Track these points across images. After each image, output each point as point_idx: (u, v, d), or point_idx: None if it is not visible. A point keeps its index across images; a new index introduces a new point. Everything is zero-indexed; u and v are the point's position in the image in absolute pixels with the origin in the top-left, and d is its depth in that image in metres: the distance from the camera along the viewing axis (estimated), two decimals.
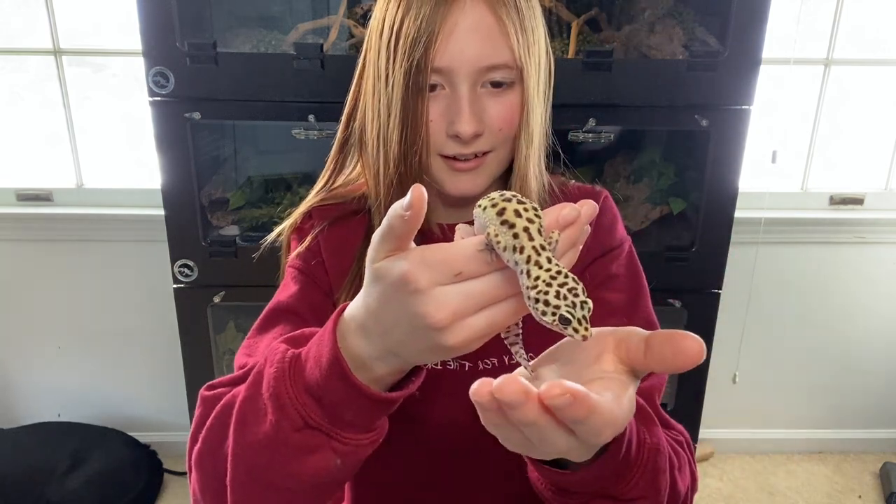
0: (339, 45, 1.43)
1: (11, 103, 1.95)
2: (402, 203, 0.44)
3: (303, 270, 0.78)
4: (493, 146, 0.73)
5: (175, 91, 1.33)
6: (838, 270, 2.03)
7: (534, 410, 0.39)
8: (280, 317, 0.74)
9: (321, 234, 0.79)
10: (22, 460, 1.82)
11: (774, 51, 1.75)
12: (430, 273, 0.44)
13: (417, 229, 0.45)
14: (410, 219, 0.44)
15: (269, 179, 1.63)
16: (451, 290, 0.44)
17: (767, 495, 2.03)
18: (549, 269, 0.42)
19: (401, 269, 0.44)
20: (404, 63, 0.68)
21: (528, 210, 0.44)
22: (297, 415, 0.52)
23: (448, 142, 0.71)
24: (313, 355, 0.53)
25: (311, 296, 0.76)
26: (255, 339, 0.73)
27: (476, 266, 0.44)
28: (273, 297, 0.77)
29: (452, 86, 0.70)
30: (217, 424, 0.58)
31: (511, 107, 0.72)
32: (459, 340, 0.45)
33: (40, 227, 1.93)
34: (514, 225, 0.43)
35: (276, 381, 0.53)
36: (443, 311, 0.44)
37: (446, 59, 0.68)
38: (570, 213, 0.45)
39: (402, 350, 0.49)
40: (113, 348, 2.05)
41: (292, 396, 0.52)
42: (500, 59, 0.69)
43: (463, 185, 0.74)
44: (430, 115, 0.71)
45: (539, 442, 0.42)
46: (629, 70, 1.34)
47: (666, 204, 1.56)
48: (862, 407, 2.19)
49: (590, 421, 0.39)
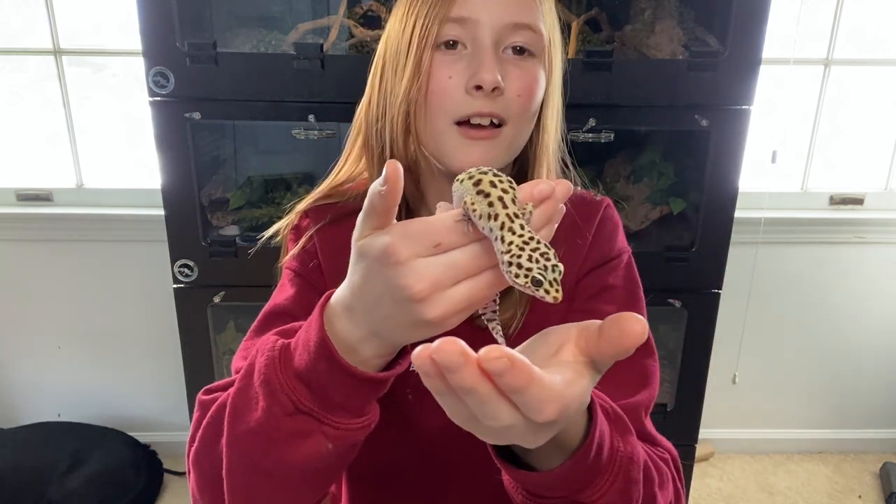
0: (339, 45, 1.43)
1: (11, 103, 1.95)
2: (378, 180, 0.45)
3: (299, 273, 0.77)
4: (507, 116, 0.69)
5: (175, 91, 1.33)
6: (838, 270, 2.03)
7: (472, 374, 0.38)
8: (276, 320, 0.73)
9: (318, 235, 0.78)
10: (22, 460, 1.82)
11: (774, 51, 1.75)
12: (411, 245, 0.45)
13: (397, 204, 0.46)
14: (387, 194, 0.45)
15: (269, 179, 1.63)
16: (430, 262, 0.45)
17: (767, 495, 2.03)
18: (522, 234, 0.43)
19: (383, 243, 0.46)
20: (420, 15, 0.67)
21: (502, 181, 0.45)
22: (288, 400, 0.53)
23: (466, 99, 0.68)
24: (302, 341, 0.54)
25: (308, 298, 0.75)
26: (251, 341, 0.73)
27: (455, 237, 0.45)
28: (269, 300, 0.77)
29: (474, 41, 0.67)
30: (212, 422, 0.58)
31: (532, 76, 0.69)
32: (439, 313, 0.45)
33: (40, 227, 1.93)
34: (488, 194, 0.44)
35: (266, 368, 0.54)
36: (422, 282, 0.45)
37: (470, 9, 0.66)
38: (545, 189, 0.46)
39: (385, 328, 0.49)
40: (113, 348, 2.05)
41: (282, 382, 0.53)
42: (527, 18, 0.67)
43: (475, 155, 0.69)
44: (450, 73, 0.68)
45: (482, 415, 0.41)
46: (629, 70, 1.34)
47: (666, 204, 1.56)
48: (862, 407, 2.19)
49: (529, 392, 0.39)
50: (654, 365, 0.76)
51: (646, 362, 0.76)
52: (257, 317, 0.75)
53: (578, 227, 0.79)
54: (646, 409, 0.71)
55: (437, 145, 0.71)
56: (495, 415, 0.40)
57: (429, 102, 0.69)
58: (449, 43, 0.68)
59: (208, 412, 0.59)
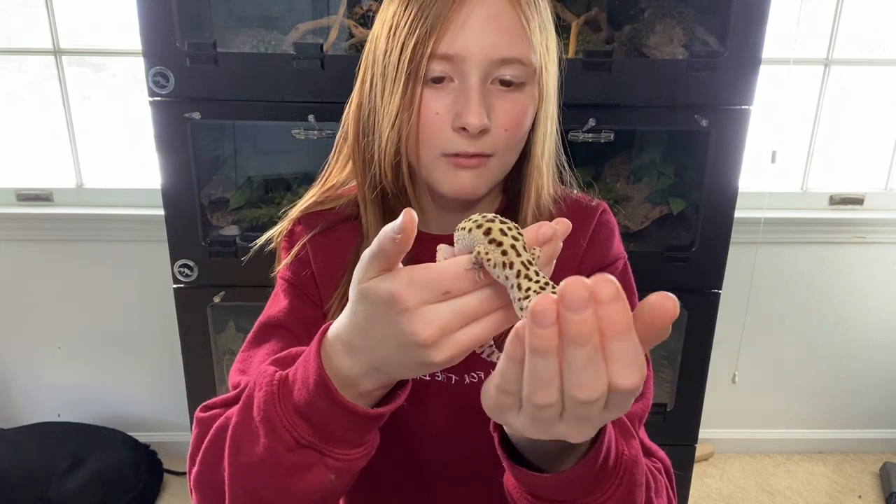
0: (339, 45, 1.43)
1: (11, 103, 1.95)
2: (393, 226, 0.45)
3: (293, 283, 0.77)
4: (495, 149, 0.69)
5: (175, 91, 1.33)
6: (838, 270, 2.03)
7: (593, 317, 0.37)
8: (271, 332, 0.74)
9: (310, 244, 0.78)
10: (22, 460, 1.82)
11: (774, 51, 1.75)
12: (418, 292, 0.45)
13: (407, 251, 0.46)
14: (401, 242, 0.45)
15: (269, 179, 1.63)
16: (439, 308, 0.46)
17: (767, 495, 2.03)
18: (538, 280, 0.43)
19: (389, 289, 0.46)
20: (401, 45, 0.66)
21: (511, 229, 0.46)
22: (290, 436, 0.54)
23: (453, 136, 0.68)
24: (300, 376, 0.54)
25: (302, 309, 0.75)
26: (247, 353, 0.73)
27: (465, 284, 0.46)
28: (264, 310, 0.77)
29: (461, 76, 0.66)
30: (212, 447, 0.59)
31: (521, 107, 0.69)
32: (446, 356, 0.46)
33: (40, 227, 1.93)
34: (500, 243, 0.45)
35: (266, 404, 0.54)
36: (430, 328, 0.45)
37: (457, 46, 0.65)
38: (548, 231, 0.47)
39: (387, 366, 0.50)
40: (113, 348, 2.05)
41: (283, 419, 0.54)
42: (515, 53, 0.66)
43: (463, 182, 0.70)
44: (436, 108, 0.67)
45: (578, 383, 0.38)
46: (629, 70, 1.34)
47: (666, 204, 1.56)
48: (862, 407, 2.19)
49: (630, 337, 0.38)
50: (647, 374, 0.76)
51: None
52: (253, 327, 0.75)
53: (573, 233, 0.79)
54: (640, 420, 0.71)
55: (426, 172, 0.71)
56: (592, 379, 0.38)
57: (417, 133, 0.69)
58: (436, 78, 0.67)
59: (208, 433, 0.60)
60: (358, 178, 0.76)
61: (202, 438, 0.61)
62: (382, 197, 0.74)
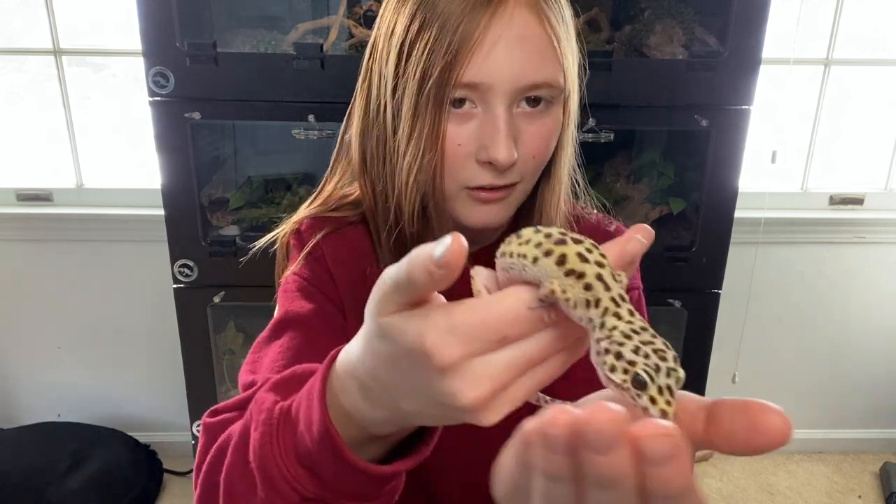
0: (339, 45, 1.43)
1: (11, 103, 1.95)
2: (433, 254, 0.32)
3: (310, 281, 0.71)
4: (522, 176, 0.64)
5: (175, 91, 1.33)
6: (838, 270, 2.03)
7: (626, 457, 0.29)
8: (289, 327, 0.67)
9: (324, 241, 0.73)
10: (22, 460, 1.82)
11: (774, 51, 1.74)
12: (462, 344, 0.34)
13: (446, 288, 0.34)
14: (442, 278, 0.32)
15: (269, 179, 1.63)
16: (490, 361, 0.34)
17: (767, 495, 2.03)
18: (631, 321, 0.33)
19: (420, 337, 0.34)
20: (421, 72, 0.59)
21: (591, 251, 0.35)
22: (291, 490, 0.44)
23: (478, 169, 0.62)
24: (303, 417, 0.44)
25: (321, 307, 0.70)
26: (257, 353, 0.66)
27: (527, 328, 0.35)
28: (277, 309, 0.71)
29: (486, 104, 0.60)
30: (210, 471, 0.52)
31: (548, 132, 0.63)
32: (497, 418, 0.35)
33: (40, 227, 1.93)
34: (583, 274, 0.34)
35: (262, 448, 0.45)
36: (479, 389, 0.34)
37: (484, 74, 0.59)
38: (636, 247, 0.36)
39: (416, 419, 0.40)
40: (113, 348, 2.05)
41: (283, 470, 0.44)
42: (544, 76, 0.60)
43: (486, 216, 0.65)
44: (458, 139, 0.61)
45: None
46: (629, 70, 1.34)
47: (666, 204, 1.56)
48: (862, 407, 2.19)
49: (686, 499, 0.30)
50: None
51: None
52: (266, 327, 0.69)
53: None
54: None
55: (448, 202, 0.66)
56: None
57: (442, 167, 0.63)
58: (457, 102, 0.61)
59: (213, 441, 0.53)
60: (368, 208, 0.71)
61: (208, 447, 0.53)
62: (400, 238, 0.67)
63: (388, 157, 0.65)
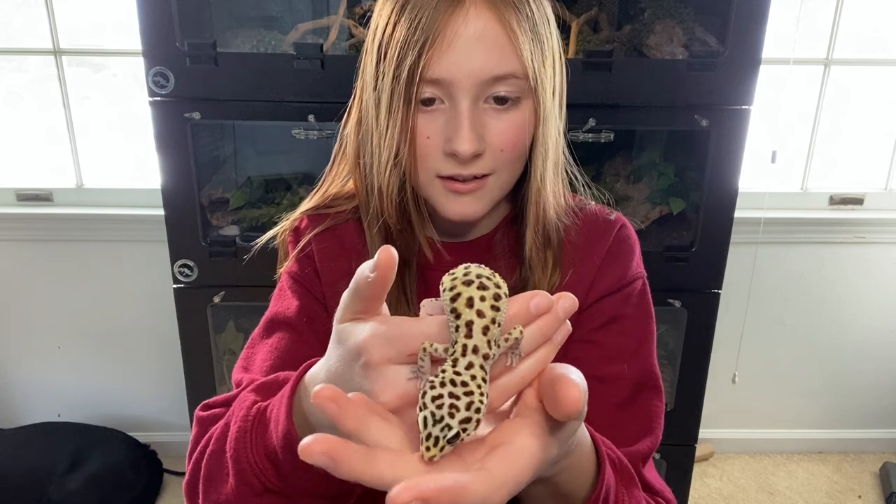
0: (339, 45, 1.43)
1: (11, 103, 1.95)
2: (368, 264, 0.40)
3: (297, 279, 0.75)
4: (493, 168, 0.67)
5: (175, 91, 1.33)
6: (838, 270, 2.03)
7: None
8: (275, 328, 0.72)
9: (315, 240, 0.76)
10: (22, 460, 1.82)
11: (774, 51, 1.75)
12: (385, 348, 0.40)
13: (385, 293, 0.42)
14: (375, 282, 0.40)
15: (269, 179, 1.63)
16: (402, 371, 0.40)
17: (767, 495, 2.03)
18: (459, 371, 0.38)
19: (358, 337, 0.41)
20: (393, 70, 0.63)
21: (485, 298, 0.39)
22: (257, 480, 0.51)
23: (445, 160, 0.66)
24: (273, 417, 0.51)
25: (306, 306, 0.73)
26: (251, 350, 0.71)
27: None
28: (270, 306, 0.75)
29: (451, 99, 0.64)
30: (199, 458, 0.58)
31: (517, 125, 0.66)
32: (408, 425, 0.41)
33: (40, 227, 1.93)
34: (459, 315, 0.39)
35: (237, 442, 0.52)
36: (389, 392, 0.40)
37: (444, 70, 0.62)
38: (542, 302, 0.40)
39: None
40: (113, 348, 2.05)
41: (251, 461, 0.51)
42: (506, 69, 0.63)
43: (462, 208, 0.68)
44: (427, 132, 0.65)
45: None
46: (629, 70, 1.34)
47: (666, 204, 1.56)
48: (862, 407, 2.19)
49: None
50: (659, 405, 0.72)
51: (652, 403, 0.72)
52: (260, 322, 0.74)
53: (587, 251, 0.75)
54: (645, 458, 0.68)
55: (425, 192, 0.70)
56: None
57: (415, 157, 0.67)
58: (426, 100, 0.65)
59: (204, 433, 0.59)
60: (360, 200, 0.75)
61: (200, 438, 0.60)
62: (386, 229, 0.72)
63: (373, 151, 0.68)
